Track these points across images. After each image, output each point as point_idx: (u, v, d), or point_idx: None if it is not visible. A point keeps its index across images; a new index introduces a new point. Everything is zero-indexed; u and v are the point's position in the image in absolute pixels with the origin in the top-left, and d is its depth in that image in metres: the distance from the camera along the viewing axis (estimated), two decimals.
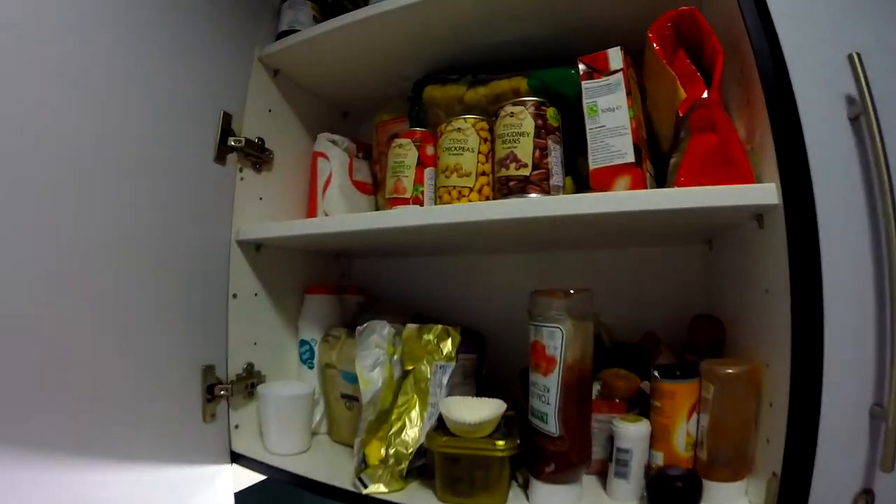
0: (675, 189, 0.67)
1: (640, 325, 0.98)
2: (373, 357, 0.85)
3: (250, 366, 1.03)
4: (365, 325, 0.87)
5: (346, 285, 1.21)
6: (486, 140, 0.84)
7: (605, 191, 0.72)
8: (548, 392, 0.75)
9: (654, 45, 0.73)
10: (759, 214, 0.67)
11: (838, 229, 0.57)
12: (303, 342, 1.10)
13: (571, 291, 0.74)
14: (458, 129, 0.84)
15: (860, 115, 0.56)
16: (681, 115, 0.70)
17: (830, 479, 0.57)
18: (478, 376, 1.00)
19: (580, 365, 0.74)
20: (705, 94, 0.68)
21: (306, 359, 1.09)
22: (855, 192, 0.58)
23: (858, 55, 0.56)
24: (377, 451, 0.81)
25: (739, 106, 0.72)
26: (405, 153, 0.91)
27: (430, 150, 0.91)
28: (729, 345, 0.84)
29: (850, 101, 0.58)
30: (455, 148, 0.84)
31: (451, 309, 1.16)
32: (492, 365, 1.04)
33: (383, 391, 0.84)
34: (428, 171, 0.90)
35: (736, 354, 0.80)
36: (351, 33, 0.96)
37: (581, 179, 0.88)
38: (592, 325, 0.77)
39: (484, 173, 0.83)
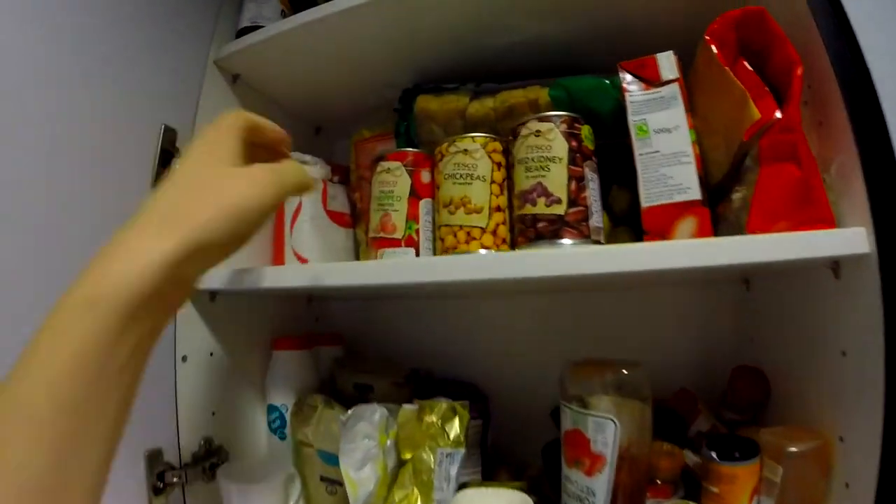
0: (758, 238, 0.53)
1: (665, 376, 0.81)
2: (362, 451, 0.67)
3: (208, 442, 0.83)
4: (350, 412, 0.69)
5: (320, 334, 1.03)
6: (499, 165, 0.66)
7: (665, 237, 0.57)
8: (593, 496, 0.59)
9: (714, 49, 0.59)
10: (835, 263, 0.56)
11: None
12: (272, 408, 0.91)
13: (624, 370, 0.57)
14: (465, 152, 0.66)
15: None
16: (746, 139, 0.56)
17: None
18: (483, 445, 0.86)
19: (637, 462, 0.59)
20: (778, 114, 0.54)
21: (276, 428, 0.90)
22: None
23: None
24: None
25: (808, 129, 0.59)
26: (394, 180, 0.72)
27: (426, 177, 0.72)
28: (775, 403, 0.74)
29: None
30: (461, 175, 0.66)
31: (445, 358, 1.03)
32: (497, 423, 0.91)
33: (377, 491, 0.65)
34: (424, 204, 0.71)
35: (785, 415, 0.70)
36: (326, 30, 0.79)
37: (614, 215, 0.71)
38: (651, 408, 0.60)
39: (499, 208, 0.65)
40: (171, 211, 0.39)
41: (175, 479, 0.76)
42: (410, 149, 0.75)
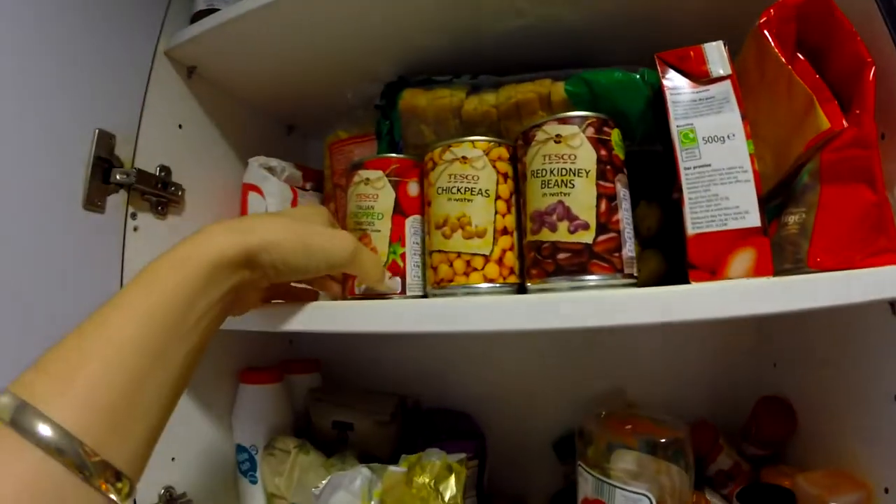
0: (825, 277, 0.43)
1: (676, 406, 0.76)
2: None
3: (169, 491, 0.72)
4: (323, 484, 0.57)
5: (294, 361, 0.91)
6: (506, 177, 0.54)
7: (716, 273, 0.46)
8: None
9: (772, 42, 0.49)
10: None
11: None
12: (240, 448, 0.80)
13: (663, 440, 0.46)
14: (464, 159, 0.53)
15: None
16: (804, 150, 0.47)
17: None
18: (479, 486, 0.79)
19: None
20: (845, 124, 0.45)
21: (246, 470, 0.80)
22: None
23: None
24: None
25: None
26: (375, 193, 0.59)
27: (413, 189, 0.59)
28: (802, 436, 0.70)
29: None
30: (459, 189, 0.53)
31: (434, 384, 0.95)
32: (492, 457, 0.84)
33: None
34: (411, 222, 0.59)
35: (816, 455, 0.67)
36: (293, 12, 0.67)
37: (640, 235, 0.60)
38: (692, 478, 0.49)
39: (505, 231, 0.53)
40: (256, 221, 0.46)
41: None
42: (394, 154, 0.61)
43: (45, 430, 0.30)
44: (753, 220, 0.45)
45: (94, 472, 0.31)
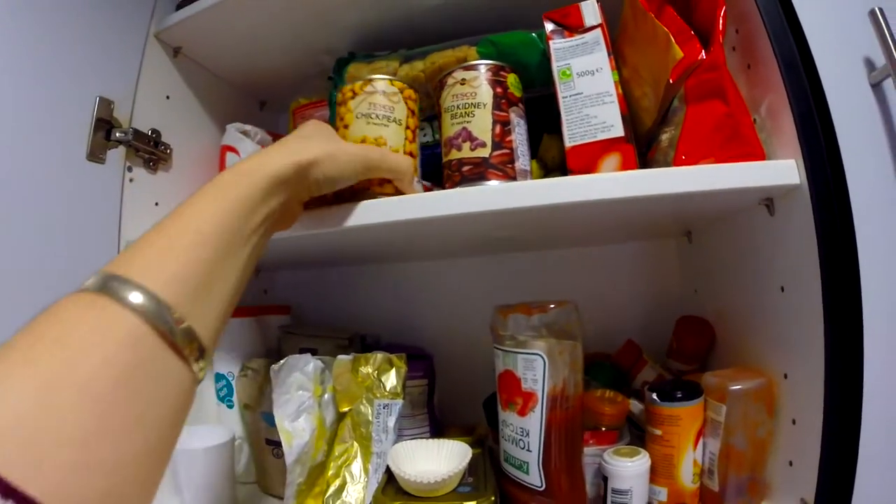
0: (684, 169, 0.54)
1: (612, 333, 0.87)
2: (295, 403, 0.66)
3: None
4: (282, 362, 0.68)
5: (267, 305, 1.02)
6: (413, 113, 0.65)
7: (590, 173, 0.57)
8: (527, 436, 0.60)
9: None
10: (768, 199, 0.58)
11: (869, 211, 0.49)
12: (219, 376, 0.90)
13: (552, 305, 0.58)
14: (384, 93, 0.63)
15: (886, 77, 0.48)
16: (672, 81, 0.57)
17: (871, 501, 0.49)
18: (429, 405, 0.87)
19: (569, 399, 0.60)
20: (703, 55, 0.56)
21: (224, 396, 0.90)
22: (883, 167, 0.50)
23: (881, 11, 0.47)
24: None
25: (736, 73, 0.60)
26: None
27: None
28: (720, 349, 0.76)
29: (870, 64, 0.50)
30: (377, 116, 0.62)
31: (394, 325, 1.05)
32: (444, 388, 0.91)
33: (314, 443, 0.66)
34: None
35: (731, 360, 0.72)
36: None
37: (546, 164, 0.73)
38: (581, 345, 0.61)
39: (412, 155, 0.64)
40: (300, 143, 0.51)
41: None
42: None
43: (136, 296, 0.31)
44: (618, 131, 0.58)
45: (180, 339, 0.32)
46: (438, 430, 0.86)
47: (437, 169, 0.67)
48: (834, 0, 0.52)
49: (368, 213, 0.59)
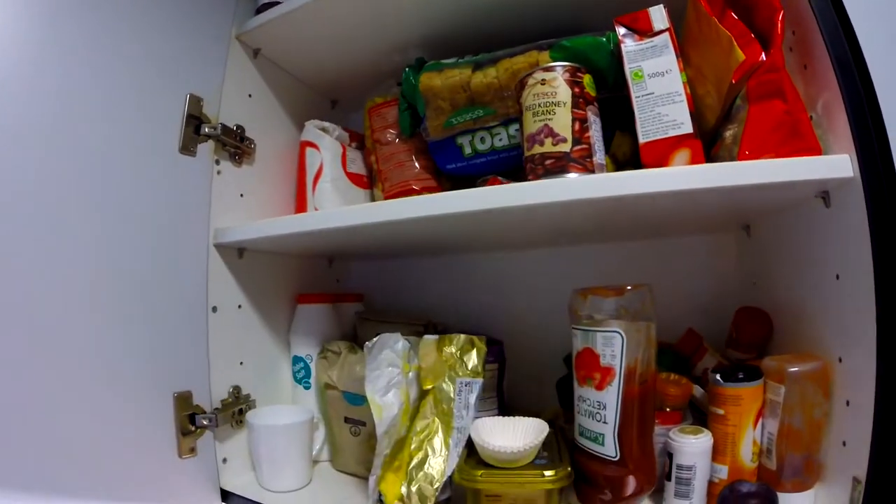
0: (749, 163, 0.58)
1: (674, 322, 0.88)
2: (386, 378, 0.72)
3: (237, 389, 0.89)
4: (375, 339, 0.73)
5: (342, 293, 1.08)
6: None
7: (662, 167, 0.62)
8: (604, 409, 0.64)
9: (702, 2, 0.65)
10: (824, 192, 0.60)
11: None
12: (296, 359, 0.97)
13: (628, 287, 0.63)
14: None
15: None
16: (734, 81, 0.61)
17: None
18: (499, 389, 0.91)
19: (644, 374, 0.64)
20: (763, 57, 0.60)
21: (301, 378, 0.96)
22: None
23: None
24: (396, 489, 0.68)
25: (793, 72, 0.63)
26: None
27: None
28: (778, 338, 0.77)
29: None
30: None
31: (462, 314, 1.10)
32: (508, 375, 0.95)
33: (400, 417, 0.71)
34: None
35: (788, 348, 0.72)
36: (339, 2, 0.84)
37: (618, 160, 0.77)
38: (654, 326, 0.65)
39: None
40: None
41: (205, 423, 0.81)
42: None
43: None
44: (687, 128, 0.62)
45: None
46: (506, 413, 0.88)
47: (511, 170, 0.72)
48: (884, 2, 0.55)
49: (464, 200, 0.65)
